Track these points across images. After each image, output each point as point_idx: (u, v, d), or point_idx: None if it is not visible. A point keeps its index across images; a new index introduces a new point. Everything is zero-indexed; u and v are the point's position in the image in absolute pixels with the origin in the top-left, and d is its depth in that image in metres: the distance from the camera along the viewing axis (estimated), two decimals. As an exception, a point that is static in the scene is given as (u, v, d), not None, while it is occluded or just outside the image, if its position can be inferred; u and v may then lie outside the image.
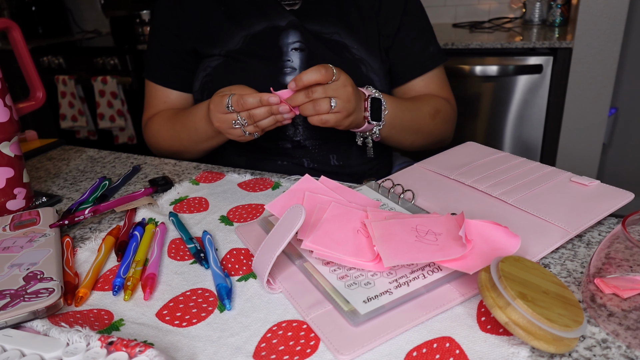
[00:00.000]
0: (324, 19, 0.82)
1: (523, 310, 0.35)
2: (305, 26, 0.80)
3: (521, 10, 2.04)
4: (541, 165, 0.62)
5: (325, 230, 0.48)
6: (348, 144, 0.85)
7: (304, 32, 0.80)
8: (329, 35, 0.81)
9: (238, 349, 0.39)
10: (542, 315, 0.35)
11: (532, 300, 0.36)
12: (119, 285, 0.47)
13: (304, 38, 0.80)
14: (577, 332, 0.35)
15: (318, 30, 0.81)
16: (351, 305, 0.41)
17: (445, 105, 0.87)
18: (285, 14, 0.81)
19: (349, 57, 0.81)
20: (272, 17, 0.81)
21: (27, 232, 0.56)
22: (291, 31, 0.80)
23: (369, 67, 0.82)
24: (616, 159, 2.05)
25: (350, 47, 0.81)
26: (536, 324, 0.35)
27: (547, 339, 0.35)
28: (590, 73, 1.59)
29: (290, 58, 0.80)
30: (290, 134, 0.83)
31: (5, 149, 0.62)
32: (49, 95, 2.12)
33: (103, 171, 0.80)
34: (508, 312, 0.36)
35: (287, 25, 0.80)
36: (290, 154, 0.84)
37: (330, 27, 0.81)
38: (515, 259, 0.40)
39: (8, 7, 2.67)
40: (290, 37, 0.80)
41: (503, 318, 0.36)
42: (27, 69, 0.70)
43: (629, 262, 0.41)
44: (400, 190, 0.61)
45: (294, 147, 0.84)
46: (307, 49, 0.80)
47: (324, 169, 0.85)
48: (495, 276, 0.38)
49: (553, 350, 0.35)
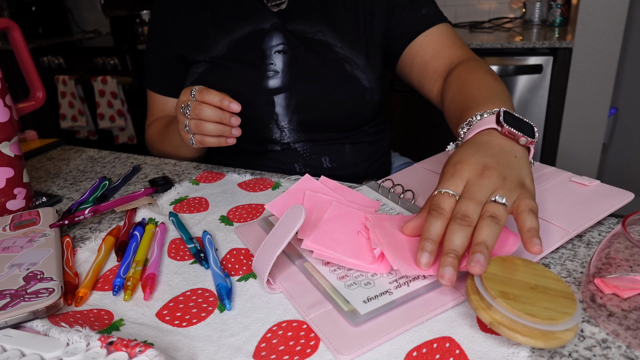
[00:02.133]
0: (308, 18, 0.80)
1: (503, 308, 0.35)
2: (288, 28, 0.80)
3: (521, 10, 2.04)
4: (541, 165, 0.62)
5: (325, 230, 0.48)
6: (340, 145, 0.84)
7: (287, 34, 0.79)
8: (312, 35, 0.80)
9: (238, 349, 0.39)
10: (523, 311, 0.35)
11: (513, 297, 0.36)
12: (119, 285, 0.47)
13: (286, 40, 0.79)
14: (565, 324, 0.35)
15: (301, 30, 0.80)
16: (351, 305, 0.41)
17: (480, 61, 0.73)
18: (269, 16, 0.80)
19: (332, 56, 0.79)
20: (257, 20, 0.80)
21: (27, 232, 0.56)
22: (275, 33, 0.80)
23: (353, 64, 0.80)
24: (616, 159, 2.05)
25: (334, 46, 0.80)
26: (519, 322, 0.35)
27: (534, 335, 0.35)
28: (590, 73, 1.59)
29: (273, 61, 0.79)
30: (277, 137, 0.82)
31: (5, 149, 0.62)
32: (49, 95, 2.12)
33: (103, 171, 0.80)
34: (491, 313, 0.36)
35: (271, 28, 0.80)
36: (281, 159, 0.83)
37: (314, 26, 0.80)
38: (503, 258, 0.40)
39: (8, 7, 2.67)
40: (273, 40, 0.79)
41: (487, 319, 0.36)
42: (27, 69, 0.70)
43: (629, 262, 0.41)
44: (400, 190, 0.61)
45: (284, 149, 0.83)
46: (290, 51, 0.79)
47: (318, 173, 0.84)
48: (478, 279, 0.38)
49: (542, 345, 0.35)
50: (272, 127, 0.81)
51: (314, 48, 0.80)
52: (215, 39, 0.81)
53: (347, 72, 0.80)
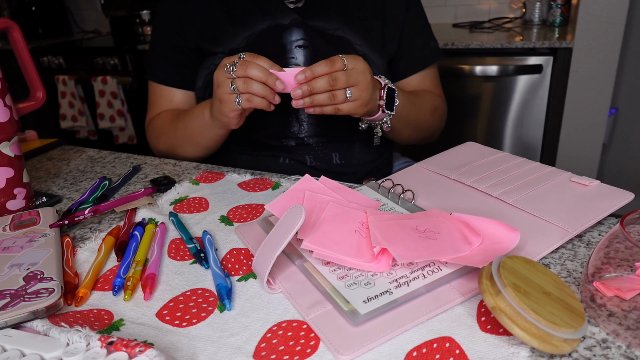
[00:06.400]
0: (326, 16, 0.82)
1: (510, 298, 0.35)
2: (308, 23, 0.81)
3: (521, 10, 2.04)
4: (541, 166, 0.62)
5: (324, 230, 0.48)
6: (351, 142, 0.85)
7: (307, 30, 0.81)
8: (332, 32, 0.82)
9: (238, 349, 0.39)
10: (529, 306, 0.35)
11: (524, 293, 0.36)
12: (119, 285, 0.47)
13: (307, 35, 0.80)
14: (565, 334, 0.34)
15: (321, 26, 0.82)
16: (351, 305, 0.41)
17: (441, 103, 0.90)
18: (288, 13, 0.81)
19: (352, 52, 0.81)
20: (275, 15, 0.81)
21: (27, 232, 0.56)
22: (294, 29, 0.81)
23: (371, 62, 0.83)
24: (616, 159, 2.05)
25: (354, 43, 0.82)
26: (521, 314, 0.35)
27: (531, 332, 0.35)
28: (590, 73, 1.59)
29: (294, 55, 0.80)
30: (295, 131, 0.83)
31: (5, 149, 0.62)
32: (49, 95, 2.12)
33: (103, 171, 0.80)
34: (497, 300, 0.36)
35: (291, 24, 0.81)
36: (294, 151, 0.84)
37: (333, 23, 0.82)
38: (528, 261, 0.40)
39: (8, 7, 2.67)
40: (293, 35, 0.81)
41: (491, 303, 0.36)
42: (27, 69, 0.70)
43: (628, 261, 0.41)
44: (400, 190, 0.61)
45: (298, 144, 0.84)
46: (311, 45, 0.80)
47: (326, 168, 0.85)
48: (495, 266, 0.38)
49: (536, 345, 0.35)
50: (291, 120, 0.82)
51: (334, 43, 0.81)
52: (233, 33, 0.81)
53: None
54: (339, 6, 0.83)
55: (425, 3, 0.92)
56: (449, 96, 0.97)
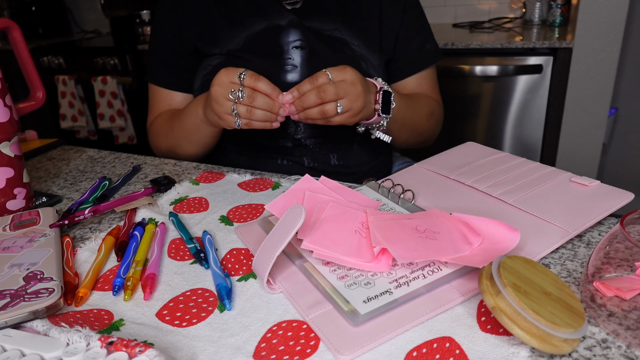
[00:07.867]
0: (324, 16, 0.82)
1: (511, 298, 0.35)
2: (305, 24, 0.81)
3: (521, 10, 2.04)
4: (541, 166, 0.62)
5: (324, 230, 0.48)
6: (348, 143, 0.85)
7: (304, 31, 0.81)
8: (329, 32, 0.82)
9: (238, 349, 0.39)
10: (529, 306, 0.35)
11: (524, 293, 0.36)
12: (119, 285, 0.47)
13: (304, 36, 0.80)
14: (565, 334, 0.34)
15: (318, 27, 0.82)
16: (351, 305, 0.41)
17: (438, 107, 0.90)
18: (286, 13, 0.81)
19: (349, 53, 0.81)
20: (273, 16, 0.81)
21: (27, 232, 0.56)
22: (292, 30, 0.81)
23: (369, 63, 0.83)
24: (616, 159, 2.05)
25: (351, 44, 0.82)
26: (521, 314, 0.35)
27: (531, 332, 0.35)
28: (590, 73, 1.59)
29: (291, 56, 0.80)
30: (291, 132, 0.83)
31: (5, 149, 0.62)
32: (49, 95, 2.12)
33: (103, 171, 0.80)
34: (497, 299, 0.36)
35: (288, 24, 0.81)
36: (291, 152, 0.84)
37: (331, 24, 0.82)
38: (527, 260, 0.40)
39: (8, 7, 2.67)
40: (290, 36, 0.81)
41: (491, 303, 0.36)
42: (27, 69, 0.70)
43: (628, 261, 0.41)
44: (400, 190, 0.61)
45: (295, 145, 0.84)
46: (308, 46, 0.80)
47: (324, 169, 0.85)
48: (495, 266, 0.38)
49: (535, 345, 0.35)
50: (287, 121, 0.82)
51: (331, 44, 0.81)
52: (230, 34, 0.82)
53: (364, 70, 0.82)
54: (337, 7, 0.83)
55: (425, 3, 0.92)
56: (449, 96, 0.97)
